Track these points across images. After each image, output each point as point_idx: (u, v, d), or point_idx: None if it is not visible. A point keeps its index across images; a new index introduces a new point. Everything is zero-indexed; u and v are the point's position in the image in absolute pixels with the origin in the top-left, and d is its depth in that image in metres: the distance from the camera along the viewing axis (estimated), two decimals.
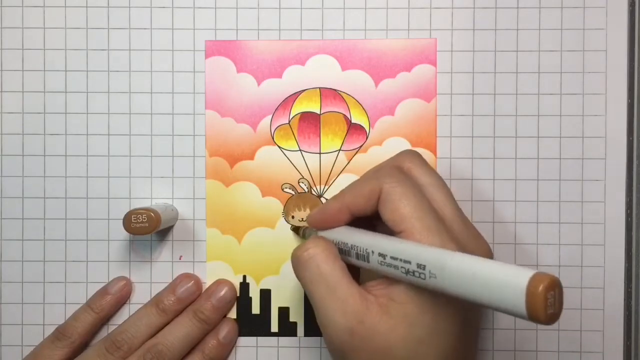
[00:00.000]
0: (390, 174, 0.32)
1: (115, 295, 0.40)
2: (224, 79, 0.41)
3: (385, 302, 0.30)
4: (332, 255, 0.33)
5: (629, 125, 0.41)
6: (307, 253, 0.33)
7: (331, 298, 0.31)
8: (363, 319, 0.30)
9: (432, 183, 0.33)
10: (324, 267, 0.32)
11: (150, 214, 0.36)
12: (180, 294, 0.40)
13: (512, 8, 0.41)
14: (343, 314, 0.31)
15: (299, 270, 0.33)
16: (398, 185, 0.32)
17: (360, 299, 0.31)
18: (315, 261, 0.32)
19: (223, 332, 0.40)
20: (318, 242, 0.33)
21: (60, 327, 0.39)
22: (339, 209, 0.34)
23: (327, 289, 0.32)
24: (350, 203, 0.34)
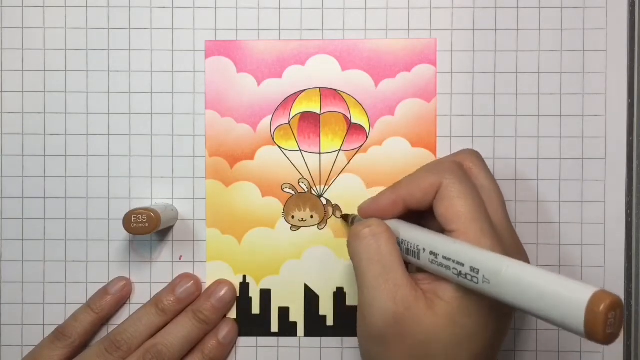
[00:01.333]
0: (452, 170, 0.32)
1: (115, 295, 0.40)
2: (224, 79, 0.41)
3: (432, 298, 0.30)
4: (393, 238, 0.32)
5: (629, 125, 0.41)
6: (370, 229, 0.33)
7: (384, 279, 0.31)
8: (410, 308, 0.30)
9: (489, 187, 0.33)
10: (384, 247, 0.32)
11: (150, 214, 0.36)
12: (179, 294, 0.40)
13: (512, 8, 0.41)
14: (393, 298, 0.30)
15: (356, 245, 0.33)
16: (458, 183, 0.31)
17: (411, 289, 0.31)
18: (377, 239, 0.32)
19: (223, 333, 0.40)
20: (381, 222, 0.33)
21: (59, 327, 0.39)
22: (394, 200, 0.34)
23: (383, 269, 0.31)
24: (406, 195, 0.33)
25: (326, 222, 0.41)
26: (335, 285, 0.41)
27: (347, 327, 0.41)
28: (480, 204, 0.31)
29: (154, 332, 0.39)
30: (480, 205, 0.31)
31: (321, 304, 0.41)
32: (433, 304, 0.30)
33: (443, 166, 0.32)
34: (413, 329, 0.30)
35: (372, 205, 0.35)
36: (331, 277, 0.41)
